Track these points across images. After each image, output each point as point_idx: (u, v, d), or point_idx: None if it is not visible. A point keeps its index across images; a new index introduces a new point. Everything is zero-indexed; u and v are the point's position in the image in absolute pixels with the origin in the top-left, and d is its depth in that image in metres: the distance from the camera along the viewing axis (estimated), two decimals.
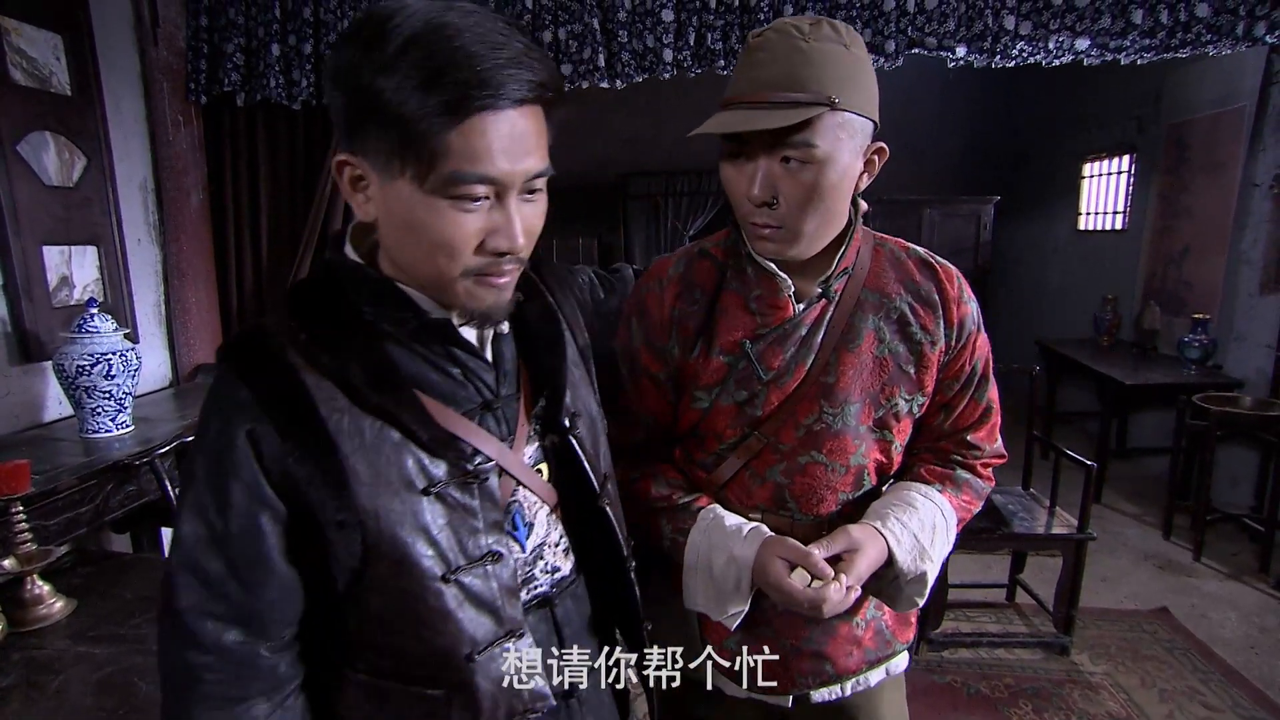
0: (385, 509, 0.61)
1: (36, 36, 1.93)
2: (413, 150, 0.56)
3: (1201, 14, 1.86)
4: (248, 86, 2.33)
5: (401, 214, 0.60)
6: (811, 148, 0.77)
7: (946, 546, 0.94)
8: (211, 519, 0.60)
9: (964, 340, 0.93)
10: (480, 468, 0.66)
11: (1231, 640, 2.39)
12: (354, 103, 0.58)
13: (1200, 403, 2.96)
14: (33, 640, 1.16)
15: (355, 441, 0.61)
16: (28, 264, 1.89)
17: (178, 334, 2.42)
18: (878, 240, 0.95)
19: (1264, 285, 3.20)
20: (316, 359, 0.61)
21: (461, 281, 0.62)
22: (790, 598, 0.83)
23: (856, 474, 0.92)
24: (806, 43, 0.77)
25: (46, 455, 1.66)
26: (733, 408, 0.90)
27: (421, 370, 0.66)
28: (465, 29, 0.56)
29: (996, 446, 1.01)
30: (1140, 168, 4.27)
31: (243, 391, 0.60)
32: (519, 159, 0.59)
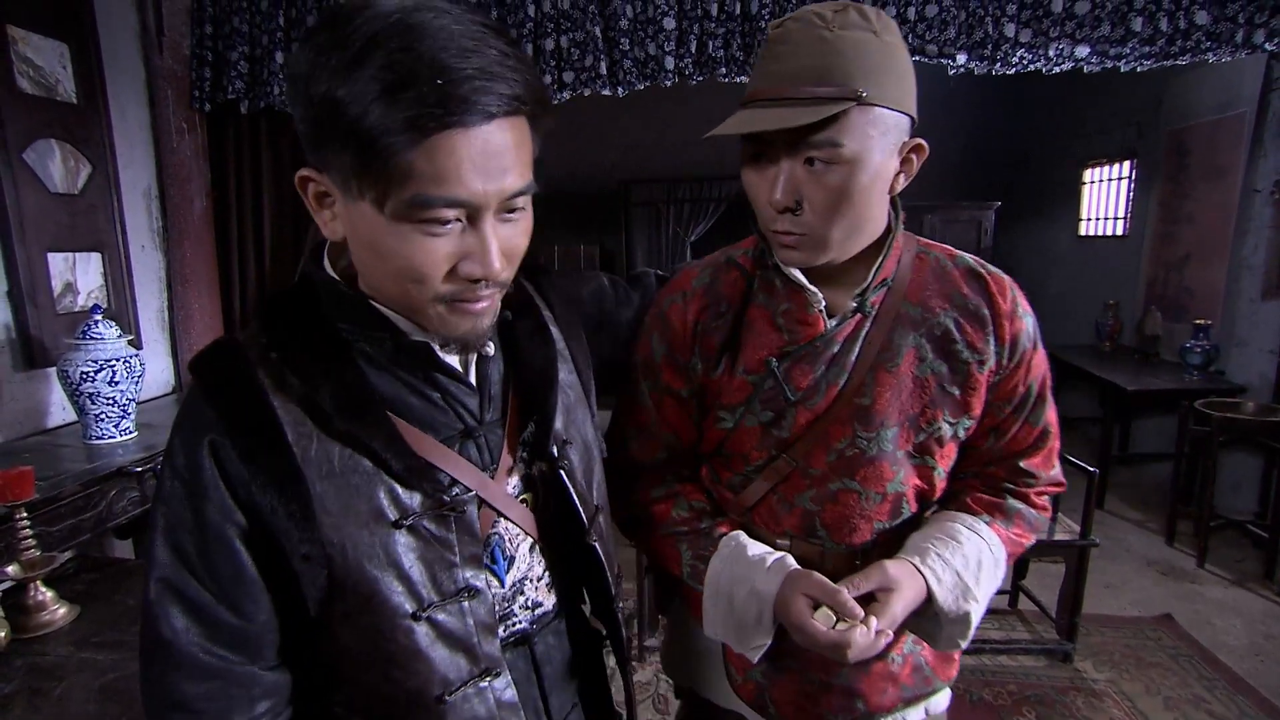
0: (353, 542, 0.58)
1: (43, 45, 1.94)
2: (371, 170, 0.50)
3: (1201, 21, 1.86)
4: (251, 94, 2.34)
5: (366, 236, 0.55)
6: (838, 147, 0.70)
7: (994, 584, 0.85)
8: (191, 540, 0.57)
9: (1017, 359, 0.83)
10: (458, 499, 0.62)
11: (1236, 647, 2.38)
12: (312, 113, 0.51)
13: (1202, 408, 2.95)
14: (36, 646, 1.16)
15: (323, 469, 0.57)
16: (33, 271, 1.90)
17: (181, 340, 2.43)
18: (921, 247, 0.86)
19: (1266, 291, 3.20)
20: (285, 380, 0.58)
21: (433, 308, 0.57)
22: (813, 640, 0.76)
23: (894, 502, 0.84)
24: (830, 31, 0.69)
25: (50, 461, 1.66)
26: (758, 429, 0.84)
27: (399, 393, 0.62)
28: (432, 32, 0.49)
29: (1054, 474, 0.91)
30: (1141, 174, 4.28)
31: (209, 411, 0.57)
32: (494, 178, 0.53)
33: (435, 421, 0.63)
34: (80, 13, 2.04)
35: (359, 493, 0.58)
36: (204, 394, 0.58)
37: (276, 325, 0.61)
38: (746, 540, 0.85)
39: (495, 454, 0.67)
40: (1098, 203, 4.79)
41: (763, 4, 2.09)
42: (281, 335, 0.60)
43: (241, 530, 0.57)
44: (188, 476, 0.57)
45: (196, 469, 0.56)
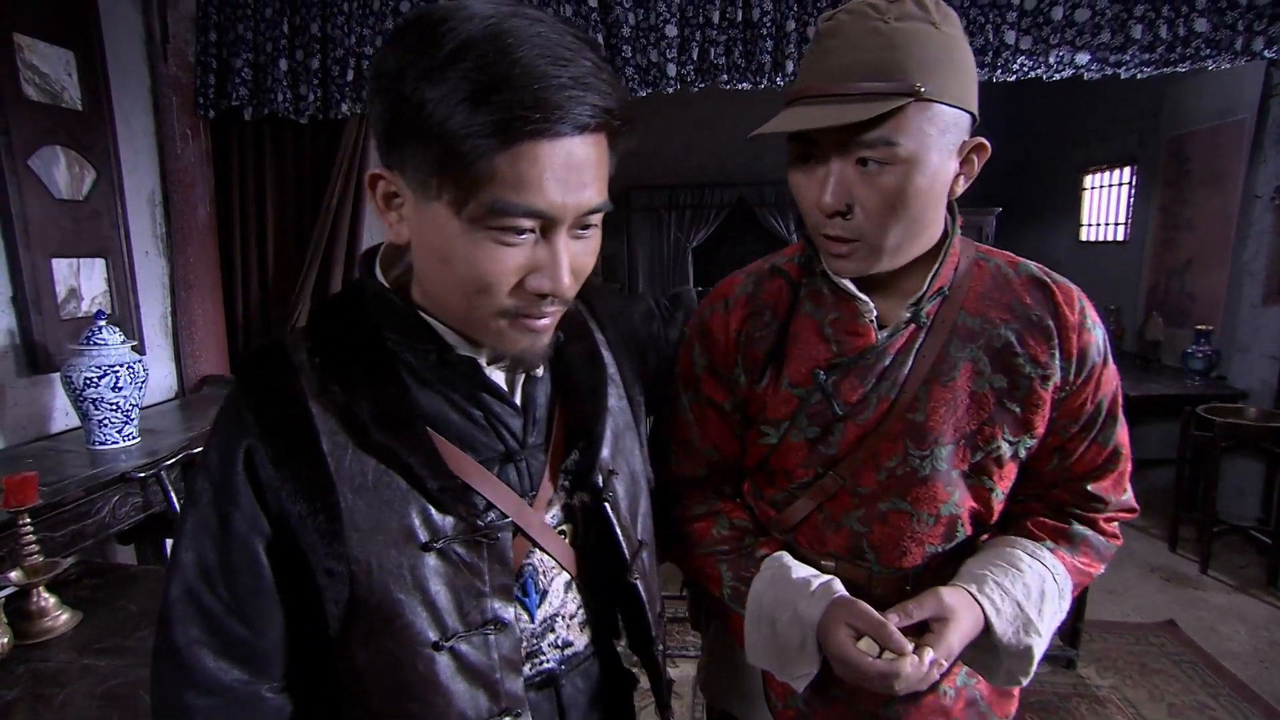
0: (380, 560, 0.56)
1: (49, 53, 1.96)
2: (453, 171, 0.49)
3: (1200, 29, 1.87)
4: (255, 101, 2.36)
5: (435, 241, 0.53)
6: (892, 146, 0.65)
7: (1058, 617, 0.79)
8: (213, 548, 0.56)
9: (1086, 374, 0.77)
10: (492, 525, 0.59)
11: (1240, 654, 2.37)
12: (393, 111, 0.51)
13: (1205, 414, 2.95)
14: (38, 653, 1.16)
15: (355, 483, 0.55)
16: (37, 277, 1.91)
17: (184, 345, 2.43)
18: (980, 254, 0.81)
19: (1267, 296, 3.20)
20: (326, 388, 0.56)
21: (495, 321, 0.56)
22: (857, 671, 0.69)
23: (948, 525, 0.79)
24: (886, 22, 0.65)
25: (53, 467, 1.66)
26: (804, 444, 0.79)
27: (441, 410, 0.59)
28: (527, 39, 0.48)
29: (1125, 499, 0.84)
30: (1141, 180, 4.29)
31: (247, 414, 0.56)
32: (573, 191, 0.51)
33: (476, 441, 0.61)
34: (86, 21, 2.06)
35: (391, 510, 0.56)
36: (243, 397, 0.57)
37: (323, 331, 0.60)
38: (790, 562, 0.80)
39: (536, 480, 0.64)
40: (1098, 208, 4.79)
41: (764, 11, 2.10)
42: (327, 341, 0.59)
43: (266, 540, 0.56)
44: (219, 480, 0.56)
45: (228, 473, 0.56)
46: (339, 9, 2.27)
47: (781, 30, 2.11)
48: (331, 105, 2.31)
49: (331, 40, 2.29)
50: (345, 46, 2.27)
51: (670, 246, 5.46)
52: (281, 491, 0.55)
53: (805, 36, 2.10)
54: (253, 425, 0.55)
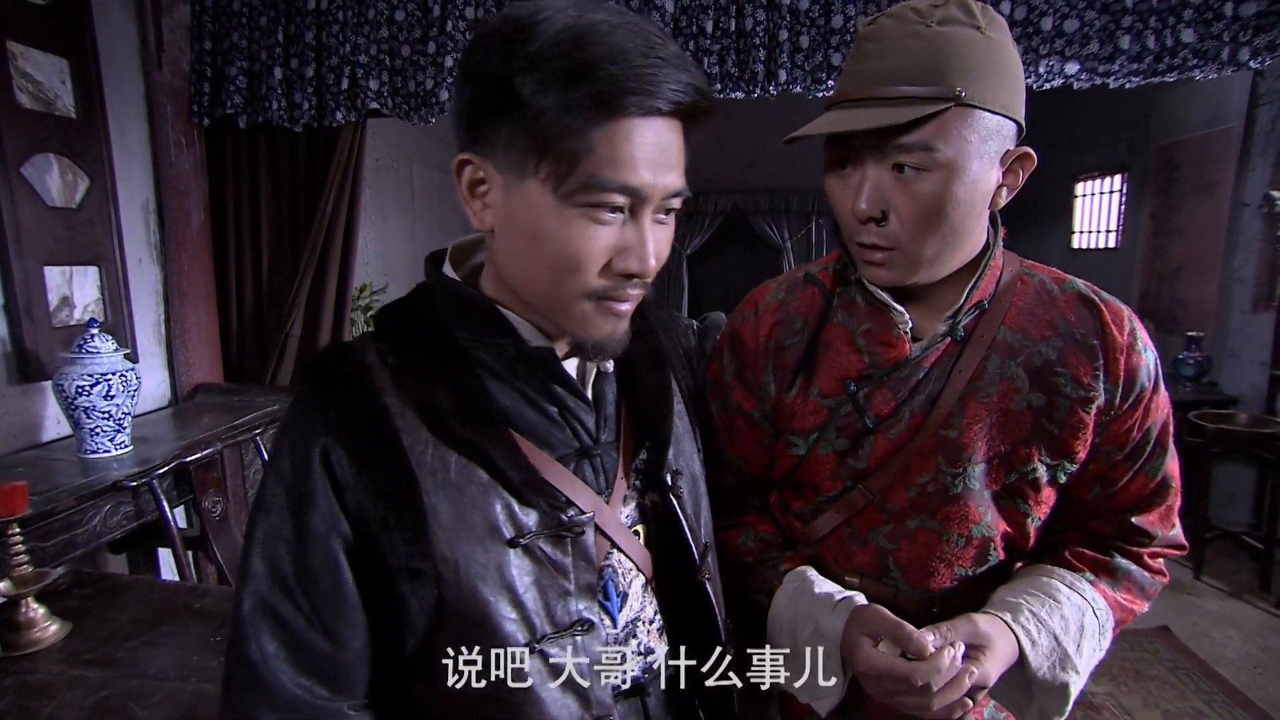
0: (466, 559, 0.54)
1: (43, 61, 1.95)
2: (552, 147, 0.51)
3: (1187, 39, 1.89)
4: (250, 109, 2.36)
5: (527, 221, 0.53)
6: (930, 152, 0.63)
7: (1097, 655, 0.74)
8: (288, 555, 0.53)
9: (1134, 399, 0.73)
10: (575, 520, 0.58)
11: (1234, 660, 2.37)
12: (487, 95, 0.52)
13: (1196, 420, 2.97)
14: (26, 664, 1.15)
15: (438, 478, 0.54)
16: (29, 284, 1.90)
17: (177, 353, 2.42)
18: (1024, 269, 0.78)
19: (1256, 303, 3.23)
20: (402, 383, 0.56)
21: (581, 304, 0.56)
22: (883, 675, 0.66)
23: (980, 547, 0.75)
24: (928, 26, 0.64)
25: (44, 476, 1.65)
26: (833, 457, 0.77)
27: (516, 405, 0.59)
28: (620, 25, 0.51)
29: (1173, 534, 0.80)
30: (1132, 187, 4.33)
31: (321, 412, 0.54)
32: (662, 173, 0.53)
33: (551, 437, 0.60)
34: (80, 29, 2.06)
35: (475, 505, 0.55)
36: (316, 396, 0.56)
37: (392, 331, 0.60)
38: (814, 576, 0.78)
39: (610, 477, 0.63)
40: (1090, 216, 4.83)
41: (757, 21, 2.12)
42: (397, 340, 0.58)
43: (346, 542, 0.54)
44: (293, 483, 0.54)
45: (304, 475, 0.53)
46: (333, 18, 2.27)
47: (774, 40, 2.12)
48: (326, 113, 2.31)
49: (326, 48, 2.30)
50: (340, 55, 2.28)
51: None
52: (362, 490, 0.53)
53: (798, 46, 2.11)
54: (328, 424, 0.54)
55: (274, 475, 0.55)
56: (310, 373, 0.58)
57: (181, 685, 1.09)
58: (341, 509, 0.53)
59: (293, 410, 0.57)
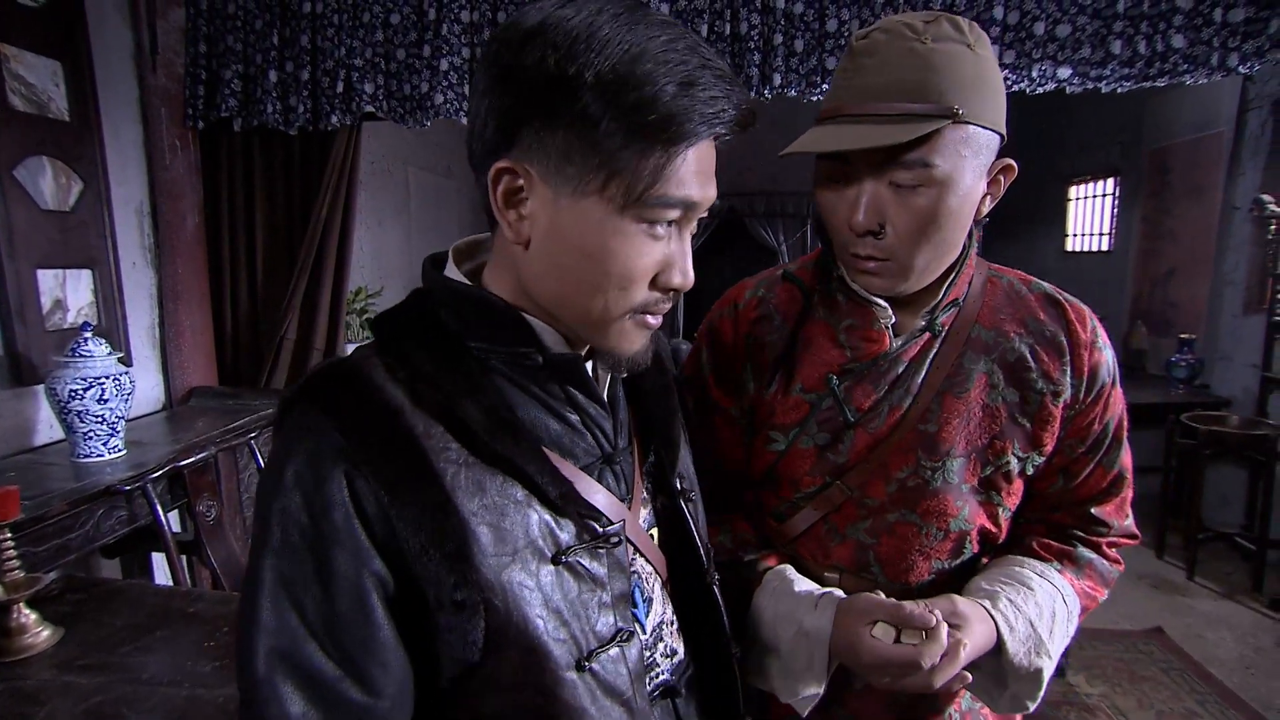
0: (513, 583, 0.50)
1: (36, 63, 1.95)
2: (624, 168, 0.49)
3: (1177, 45, 1.91)
4: (245, 112, 2.35)
5: (582, 237, 0.51)
6: (929, 168, 0.65)
7: (1065, 641, 0.77)
8: (313, 601, 0.48)
9: (1095, 394, 0.77)
10: (610, 531, 0.56)
11: (1227, 660, 2.39)
12: (538, 98, 0.48)
13: (1189, 422, 2.99)
14: (18, 670, 1.14)
15: (476, 500, 0.50)
16: (21, 288, 1.89)
17: (172, 357, 2.41)
18: (993, 271, 0.82)
19: (1247, 305, 3.25)
20: (421, 399, 0.51)
21: (623, 321, 0.54)
22: (894, 661, 0.66)
23: (957, 540, 0.78)
24: (923, 43, 0.65)
25: (36, 480, 1.64)
26: (813, 451, 0.78)
27: (539, 416, 0.56)
28: (679, 41, 0.49)
29: (1127, 525, 0.84)
30: (1124, 191, 4.36)
31: (335, 436, 0.49)
32: (710, 185, 0.53)
33: (575, 447, 0.58)
34: (74, 31, 2.05)
35: (513, 525, 0.51)
36: (325, 420, 0.49)
37: (398, 343, 0.54)
38: (793, 575, 0.79)
39: (630, 483, 0.62)
40: (1083, 219, 4.86)
41: (751, 25, 2.13)
42: (406, 353, 0.53)
43: (379, 581, 0.49)
44: (308, 521, 0.48)
45: (325, 509, 0.48)
46: (329, 21, 2.27)
47: (769, 44, 2.13)
48: (321, 116, 2.31)
49: (321, 52, 2.29)
50: (335, 58, 2.28)
51: None
52: (395, 521, 0.48)
53: (793, 50, 2.12)
54: (347, 450, 0.48)
55: (279, 513, 0.49)
56: (313, 394, 0.51)
57: (175, 691, 1.08)
58: (372, 543, 0.48)
59: (293, 438, 0.50)
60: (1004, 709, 0.77)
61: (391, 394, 0.51)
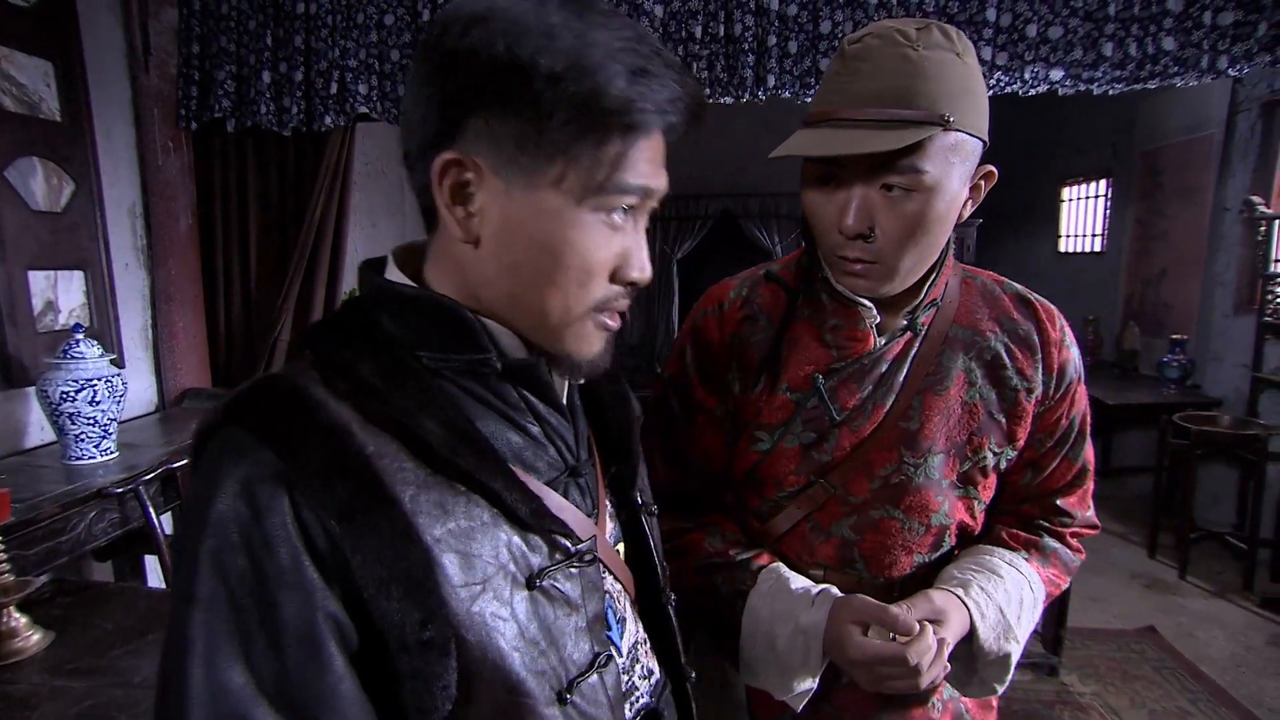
0: (485, 616, 0.46)
1: (27, 63, 1.94)
2: (582, 156, 0.46)
3: (1168, 47, 1.93)
4: (238, 113, 2.35)
5: (539, 230, 0.48)
6: (920, 174, 0.66)
7: (1031, 626, 0.81)
8: (260, 656, 0.41)
9: (1064, 390, 0.81)
10: (582, 550, 0.52)
11: (1219, 659, 2.40)
12: (488, 84, 0.45)
13: (1181, 422, 3.00)
14: (8, 675, 1.14)
15: (440, 525, 0.45)
16: (12, 289, 1.88)
17: (164, 358, 2.40)
18: (967, 273, 0.84)
19: (1238, 306, 3.28)
20: (370, 415, 0.46)
21: (584, 321, 0.51)
22: (880, 659, 0.68)
23: (937, 534, 0.80)
24: (915, 50, 0.65)
25: (27, 483, 1.63)
26: (797, 450, 0.79)
27: (498, 428, 0.51)
28: (627, 29, 0.47)
29: (1089, 515, 0.87)
30: (1116, 192, 4.38)
31: (272, 459, 0.43)
32: (661, 174, 0.51)
33: (538, 460, 0.53)
34: (66, 32, 2.04)
35: (484, 549, 0.47)
36: (258, 445, 0.43)
37: (333, 355, 0.49)
38: (788, 573, 0.79)
39: (595, 497, 0.58)
40: (1076, 220, 4.89)
41: (745, 27, 2.13)
42: (343, 366, 0.48)
43: (336, 623, 0.43)
44: (246, 562, 0.41)
45: (267, 545, 0.41)
46: (323, 22, 2.27)
47: (763, 45, 2.14)
48: (315, 117, 2.30)
49: (315, 53, 2.29)
50: (329, 59, 2.27)
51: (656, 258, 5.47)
52: (349, 556, 0.42)
53: (786, 52, 2.13)
54: (289, 478, 0.42)
55: (209, 558, 0.41)
56: (241, 415, 0.45)
57: None
58: (324, 582, 0.42)
59: (220, 466, 0.43)
60: (975, 693, 0.81)
61: (335, 410, 0.45)
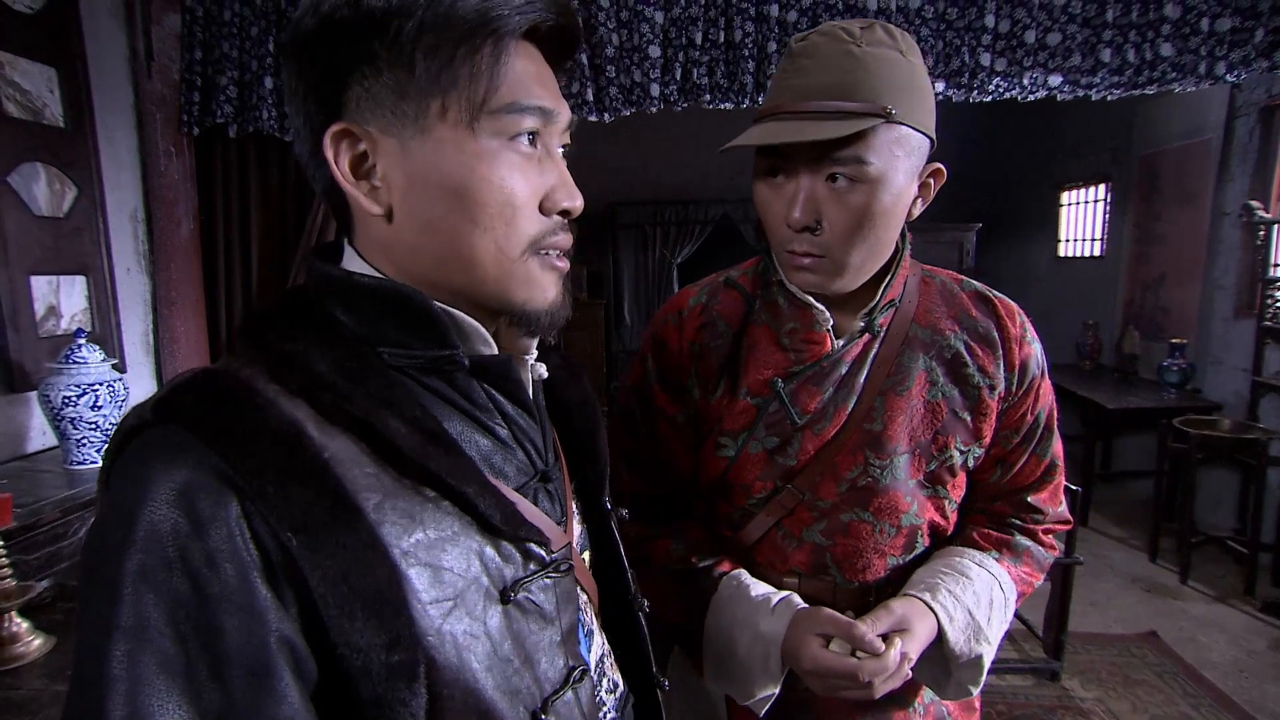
0: (457, 635, 0.42)
1: (31, 70, 1.95)
2: (456, 81, 0.44)
3: (1166, 53, 1.94)
4: (240, 118, 2.35)
5: (446, 175, 0.45)
6: (864, 165, 0.67)
7: (1004, 626, 0.81)
8: (201, 689, 0.36)
9: (1026, 386, 0.81)
10: (556, 560, 0.50)
11: (1220, 664, 2.40)
12: (359, 45, 0.44)
13: (1181, 426, 3.00)
14: (8, 680, 1.14)
15: (407, 537, 0.41)
16: (14, 294, 1.88)
17: (166, 363, 2.41)
18: (926, 272, 0.85)
19: (1237, 310, 3.28)
20: (329, 411, 0.42)
21: (526, 262, 0.48)
22: (834, 672, 0.69)
23: (909, 536, 0.80)
24: (859, 47, 0.67)
25: (29, 488, 1.63)
26: (762, 455, 0.79)
27: (465, 430, 0.48)
28: None
29: (1060, 510, 0.88)
30: (1115, 197, 4.39)
31: (215, 460, 0.38)
32: (557, 97, 0.49)
33: (507, 465, 0.50)
34: (69, 38, 2.05)
35: (455, 561, 0.43)
36: (197, 439, 0.38)
37: (282, 349, 0.44)
38: (749, 580, 0.80)
39: (564, 504, 0.55)
40: (1075, 224, 4.90)
41: (745, 33, 2.14)
42: (293, 361, 0.44)
43: (288, 647, 0.38)
44: (185, 581, 0.36)
45: (210, 561, 0.36)
46: None
47: (763, 51, 2.15)
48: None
49: None
50: None
51: (655, 262, 5.49)
52: (307, 573, 0.38)
53: None
54: (237, 484, 0.38)
55: (135, 578, 0.36)
56: (175, 412, 0.40)
57: None
58: (277, 602, 0.38)
59: (149, 469, 0.38)
60: (951, 695, 0.80)
61: (287, 409, 0.41)
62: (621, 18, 2.17)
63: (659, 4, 2.15)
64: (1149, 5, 1.95)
